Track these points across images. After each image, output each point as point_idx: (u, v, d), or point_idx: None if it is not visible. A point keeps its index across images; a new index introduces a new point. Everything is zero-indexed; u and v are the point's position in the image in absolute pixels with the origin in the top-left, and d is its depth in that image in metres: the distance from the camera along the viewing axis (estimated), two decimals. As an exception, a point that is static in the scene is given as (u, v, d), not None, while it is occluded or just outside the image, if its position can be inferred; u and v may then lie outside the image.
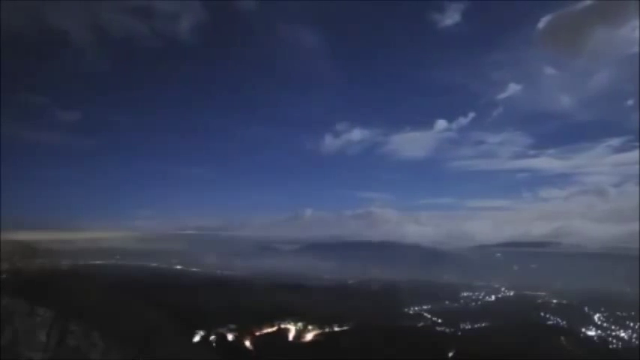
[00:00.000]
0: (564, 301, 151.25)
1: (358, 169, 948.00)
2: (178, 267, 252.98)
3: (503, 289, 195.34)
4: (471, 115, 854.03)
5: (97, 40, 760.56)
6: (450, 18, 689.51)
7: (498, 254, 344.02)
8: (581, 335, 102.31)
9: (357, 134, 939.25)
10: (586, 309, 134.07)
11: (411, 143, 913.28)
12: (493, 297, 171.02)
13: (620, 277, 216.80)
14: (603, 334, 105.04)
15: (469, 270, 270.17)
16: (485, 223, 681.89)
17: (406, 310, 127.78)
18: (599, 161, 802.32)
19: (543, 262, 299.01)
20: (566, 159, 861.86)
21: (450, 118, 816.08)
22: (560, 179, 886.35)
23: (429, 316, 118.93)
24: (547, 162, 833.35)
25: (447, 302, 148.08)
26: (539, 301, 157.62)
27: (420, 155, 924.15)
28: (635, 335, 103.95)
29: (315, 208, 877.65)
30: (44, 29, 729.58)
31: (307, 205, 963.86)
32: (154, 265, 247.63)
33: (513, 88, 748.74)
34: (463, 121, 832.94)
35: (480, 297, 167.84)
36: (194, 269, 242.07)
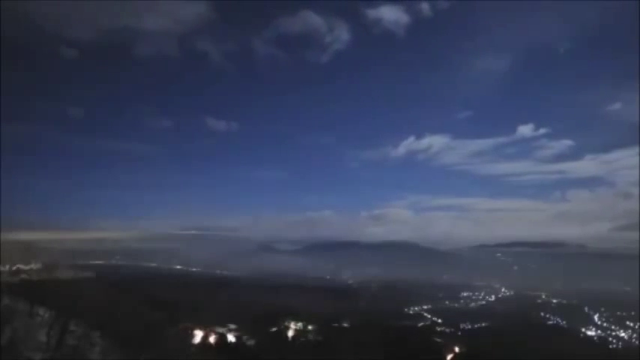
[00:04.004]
0: (564, 301, 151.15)
1: (401, 173, 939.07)
2: (178, 267, 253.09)
3: (503, 289, 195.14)
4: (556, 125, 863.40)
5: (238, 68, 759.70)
6: (562, 47, 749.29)
7: (498, 254, 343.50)
8: (581, 335, 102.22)
9: (433, 141, 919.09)
10: (586, 309, 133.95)
11: (473, 149, 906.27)
12: (493, 297, 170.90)
13: (620, 277, 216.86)
14: (603, 334, 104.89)
15: (469, 270, 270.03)
16: (496, 223, 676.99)
17: (406, 310, 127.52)
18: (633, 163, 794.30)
19: (543, 262, 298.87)
20: (605, 163, 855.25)
21: (535, 128, 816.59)
22: (592, 182, 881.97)
23: (429, 316, 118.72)
24: (585, 165, 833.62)
25: (447, 302, 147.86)
26: (539, 301, 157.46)
27: (468, 160, 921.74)
28: (635, 335, 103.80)
29: (334, 210, 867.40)
30: (188, 54, 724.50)
31: (326, 207, 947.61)
32: (154, 265, 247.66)
33: (610, 107, 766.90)
34: (546, 130, 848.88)
35: (480, 297, 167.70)
36: (194, 269, 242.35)
